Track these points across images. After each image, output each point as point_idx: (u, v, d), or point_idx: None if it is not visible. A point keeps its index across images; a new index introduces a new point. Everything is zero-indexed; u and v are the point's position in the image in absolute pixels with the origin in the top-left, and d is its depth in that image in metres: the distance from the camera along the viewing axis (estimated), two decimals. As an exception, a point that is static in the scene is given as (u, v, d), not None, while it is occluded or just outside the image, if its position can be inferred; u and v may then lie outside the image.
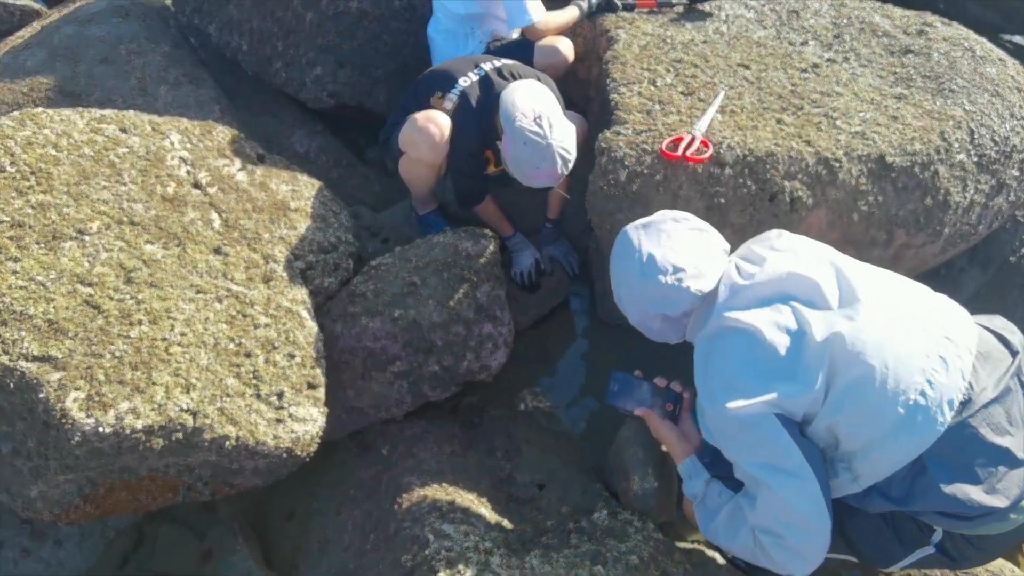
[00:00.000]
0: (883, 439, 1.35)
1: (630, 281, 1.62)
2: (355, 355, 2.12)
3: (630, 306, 1.66)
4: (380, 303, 2.10)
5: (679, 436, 1.65)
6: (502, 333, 2.13)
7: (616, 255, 1.68)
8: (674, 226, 1.63)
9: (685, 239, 1.61)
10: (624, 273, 1.63)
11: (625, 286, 1.64)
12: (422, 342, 2.09)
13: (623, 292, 1.66)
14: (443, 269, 2.13)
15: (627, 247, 1.64)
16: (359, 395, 2.18)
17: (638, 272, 1.58)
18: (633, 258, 1.61)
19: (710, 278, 1.56)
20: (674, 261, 1.56)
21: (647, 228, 1.65)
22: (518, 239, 2.58)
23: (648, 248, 1.60)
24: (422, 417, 2.27)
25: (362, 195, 3.07)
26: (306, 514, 2.19)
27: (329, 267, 2.22)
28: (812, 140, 2.03)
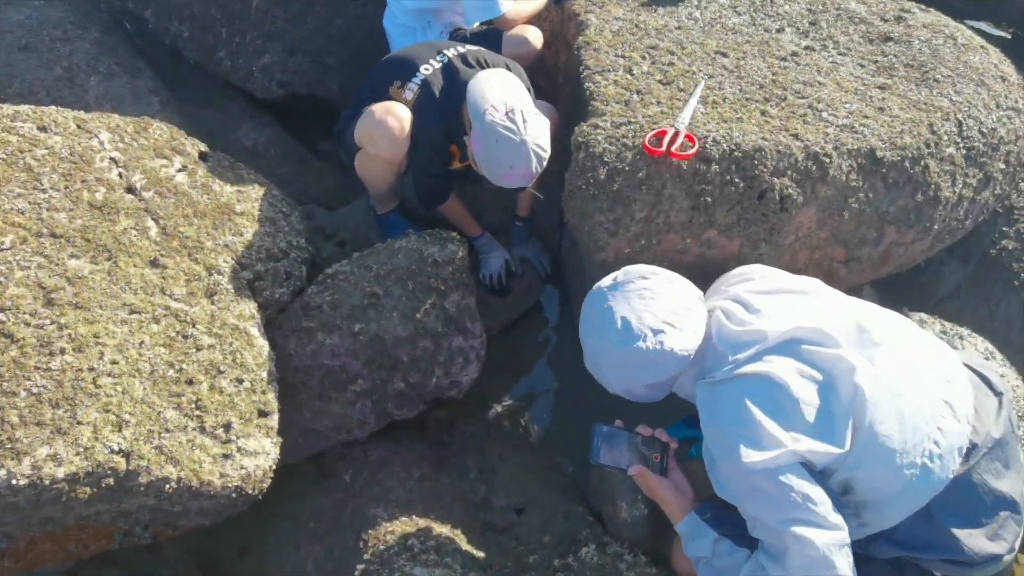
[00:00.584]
0: (899, 491, 1.29)
1: (607, 353, 1.48)
2: (311, 374, 1.93)
3: (612, 378, 1.52)
4: (338, 316, 1.91)
5: (674, 491, 1.51)
6: (473, 346, 1.97)
7: (587, 324, 1.54)
8: (643, 284, 1.51)
9: (658, 295, 1.48)
10: (599, 345, 1.50)
11: (603, 357, 1.50)
12: (386, 358, 1.91)
13: (602, 363, 1.52)
14: (407, 278, 1.95)
15: (598, 315, 1.51)
16: (317, 417, 1.99)
17: (615, 342, 1.45)
18: (607, 327, 1.47)
19: (693, 333, 1.45)
20: (651, 324, 1.44)
21: (615, 291, 1.52)
22: (486, 239, 2.42)
23: (621, 312, 1.46)
24: (387, 437, 2.09)
25: (315, 192, 2.86)
26: (261, 550, 2.01)
27: (280, 276, 2.03)
28: (800, 133, 1.90)
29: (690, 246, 1.90)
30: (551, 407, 2.39)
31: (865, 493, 1.32)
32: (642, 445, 1.54)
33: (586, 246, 1.94)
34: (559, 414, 2.38)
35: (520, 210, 2.43)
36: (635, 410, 1.66)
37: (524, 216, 2.44)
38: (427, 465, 2.01)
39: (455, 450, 2.10)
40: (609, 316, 1.46)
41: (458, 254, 1.99)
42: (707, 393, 1.40)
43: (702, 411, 1.40)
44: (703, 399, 1.41)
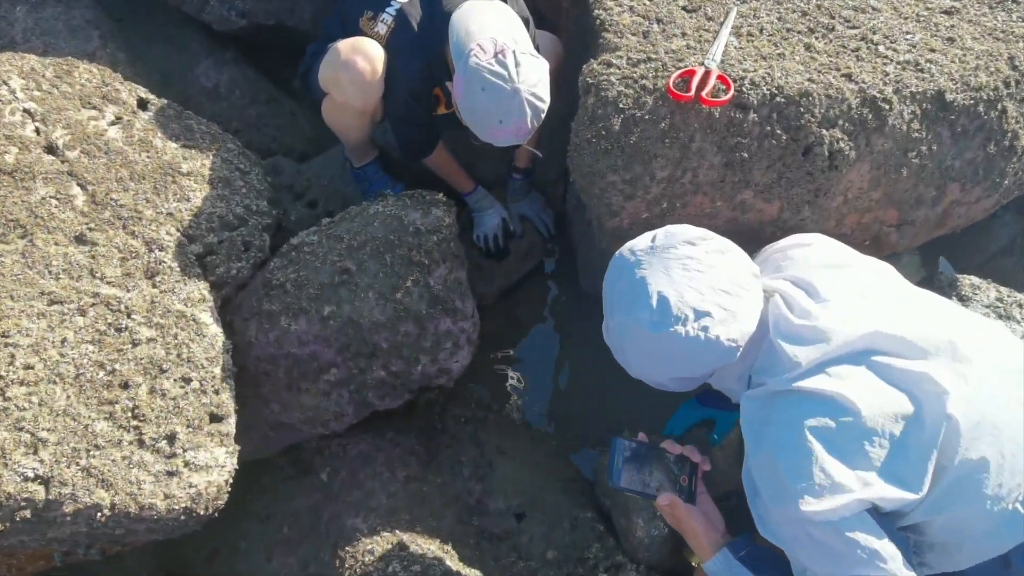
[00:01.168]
0: (979, 536, 1.05)
1: (635, 334, 1.19)
2: (276, 364, 1.67)
3: (637, 363, 1.25)
4: (304, 297, 1.63)
5: (704, 523, 1.26)
6: (464, 329, 1.69)
7: (613, 296, 1.24)
8: (689, 250, 1.20)
9: (707, 267, 1.18)
10: (626, 323, 1.20)
11: (629, 339, 1.21)
12: (362, 346, 1.64)
13: (628, 345, 1.23)
14: (385, 250, 1.65)
15: (628, 286, 1.20)
16: (286, 410, 1.74)
17: (647, 322, 1.16)
18: (639, 303, 1.17)
19: (746, 318, 1.17)
20: (694, 303, 1.14)
21: (652, 256, 1.21)
22: (480, 195, 2.11)
23: (657, 285, 1.16)
24: (370, 428, 1.84)
25: (288, 140, 2.53)
26: (231, 554, 1.79)
27: (237, 248, 1.73)
28: (853, 73, 1.57)
29: (721, 209, 1.60)
30: (555, 386, 2.14)
31: (936, 535, 1.08)
32: (672, 465, 1.28)
33: (596, 211, 1.63)
34: (565, 394, 2.12)
35: (519, 161, 2.11)
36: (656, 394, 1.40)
37: (523, 168, 2.12)
38: (415, 462, 1.76)
39: (447, 441, 1.86)
40: (642, 289, 1.17)
41: (445, 220, 1.69)
42: (756, 406, 1.14)
43: (747, 427, 1.14)
44: (750, 412, 1.14)
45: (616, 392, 2.05)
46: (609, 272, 1.28)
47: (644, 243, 1.25)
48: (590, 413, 2.07)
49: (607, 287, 1.26)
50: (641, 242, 1.26)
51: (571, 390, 2.12)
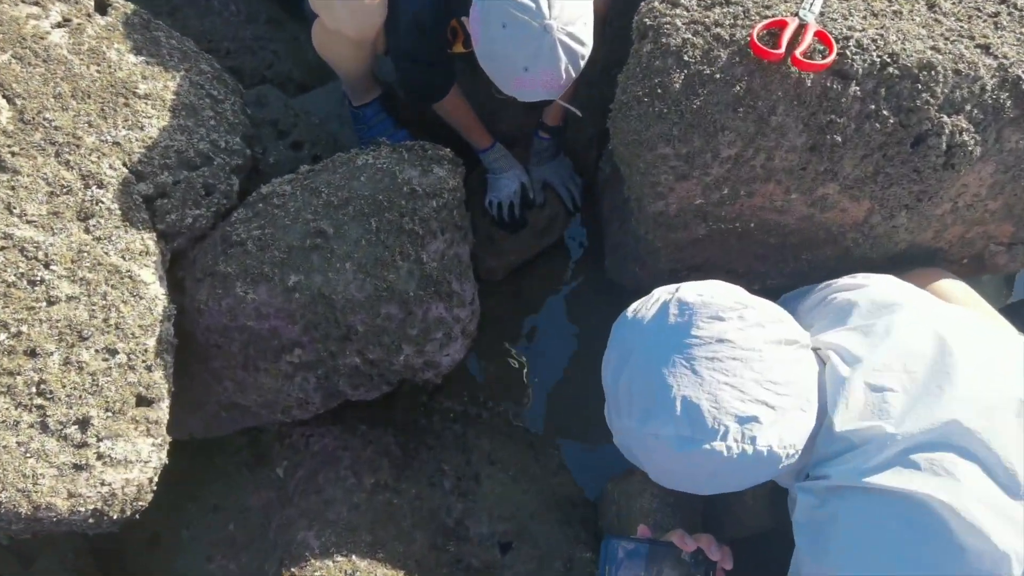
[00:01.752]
0: None
1: (656, 452, 0.90)
2: (229, 337, 1.38)
3: (662, 479, 0.96)
4: (267, 261, 1.33)
5: None
6: (460, 318, 1.39)
7: (617, 391, 0.94)
8: (718, 330, 0.89)
9: (743, 353, 0.88)
10: (640, 434, 0.90)
11: (647, 455, 0.93)
12: (333, 326, 1.35)
13: (644, 461, 0.95)
14: (371, 212, 1.34)
15: (640, 386, 0.90)
16: (241, 390, 1.46)
17: (673, 440, 0.86)
18: (657, 414, 0.87)
19: (805, 414, 0.89)
20: (734, 407, 0.85)
21: (670, 349, 0.90)
22: (498, 154, 1.78)
23: (681, 390, 0.86)
24: (340, 418, 1.57)
25: (286, 68, 2.20)
26: (173, 544, 1.55)
27: (196, 192, 1.43)
28: (992, 45, 1.21)
29: (794, 204, 1.27)
30: (563, 386, 1.84)
31: None
32: (678, 564, 0.98)
33: (637, 189, 1.31)
34: (574, 397, 1.83)
35: (549, 118, 1.77)
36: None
37: (553, 127, 1.78)
38: (387, 466, 1.49)
39: (429, 441, 1.58)
40: (661, 394, 0.87)
41: (448, 183, 1.37)
42: (814, 504, 0.86)
43: (803, 528, 0.87)
44: (807, 510, 0.86)
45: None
46: (610, 353, 0.98)
47: (652, 322, 0.93)
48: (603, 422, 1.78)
49: (609, 376, 0.97)
50: (648, 319, 0.94)
51: (581, 393, 1.82)
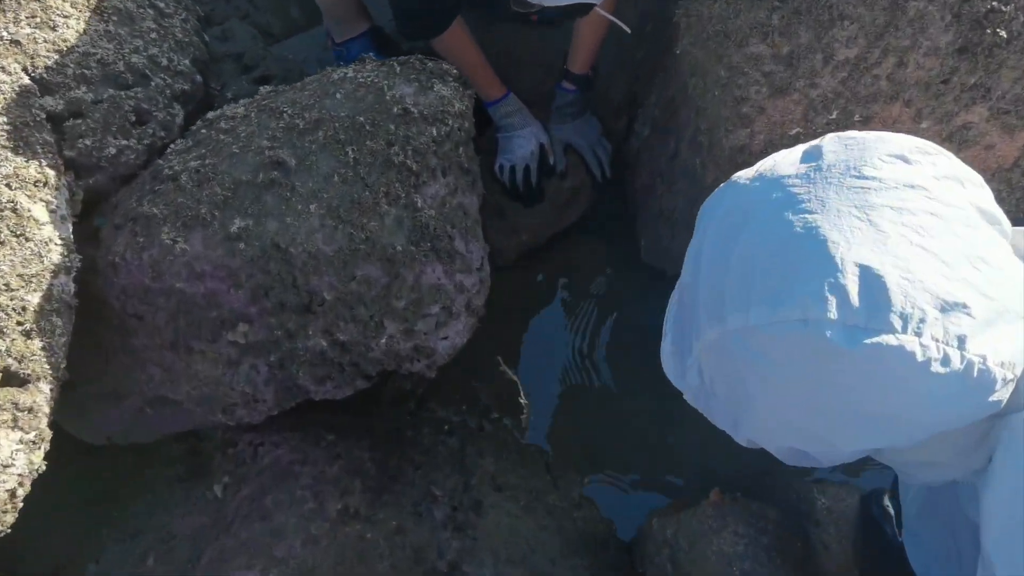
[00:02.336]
0: None
1: (789, 358, 0.53)
2: (153, 304, 1.03)
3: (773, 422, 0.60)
4: (205, 200, 0.98)
5: None
6: (464, 286, 1.04)
7: (725, 272, 0.57)
8: (904, 174, 0.55)
9: (943, 211, 0.53)
10: (767, 334, 0.53)
11: (767, 370, 0.55)
12: (291, 292, 0.99)
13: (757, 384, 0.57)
14: (348, 139, 1.00)
15: (772, 249, 0.54)
16: (171, 378, 1.10)
17: (832, 327, 0.50)
18: (804, 286, 0.51)
19: (1020, 328, 0.53)
20: (937, 287, 0.50)
21: (822, 186, 0.55)
22: (511, 106, 1.45)
23: (854, 251, 0.51)
24: (301, 422, 1.20)
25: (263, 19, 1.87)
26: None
27: (123, 116, 1.09)
28: None
29: (925, 134, 0.93)
30: (584, 393, 1.48)
31: None
32: None
33: (711, 111, 0.97)
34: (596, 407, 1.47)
35: (574, 63, 1.44)
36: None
37: (579, 75, 1.45)
38: (360, 488, 1.12)
39: (416, 458, 1.21)
40: (815, 258, 0.52)
41: (454, 105, 1.03)
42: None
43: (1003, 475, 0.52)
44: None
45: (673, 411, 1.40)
46: (705, 232, 0.61)
47: (796, 165, 0.59)
48: (634, 441, 1.42)
49: (704, 261, 0.60)
50: (788, 162, 0.59)
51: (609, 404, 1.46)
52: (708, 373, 0.61)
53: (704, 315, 0.58)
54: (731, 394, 0.60)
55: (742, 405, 0.60)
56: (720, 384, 0.61)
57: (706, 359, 0.60)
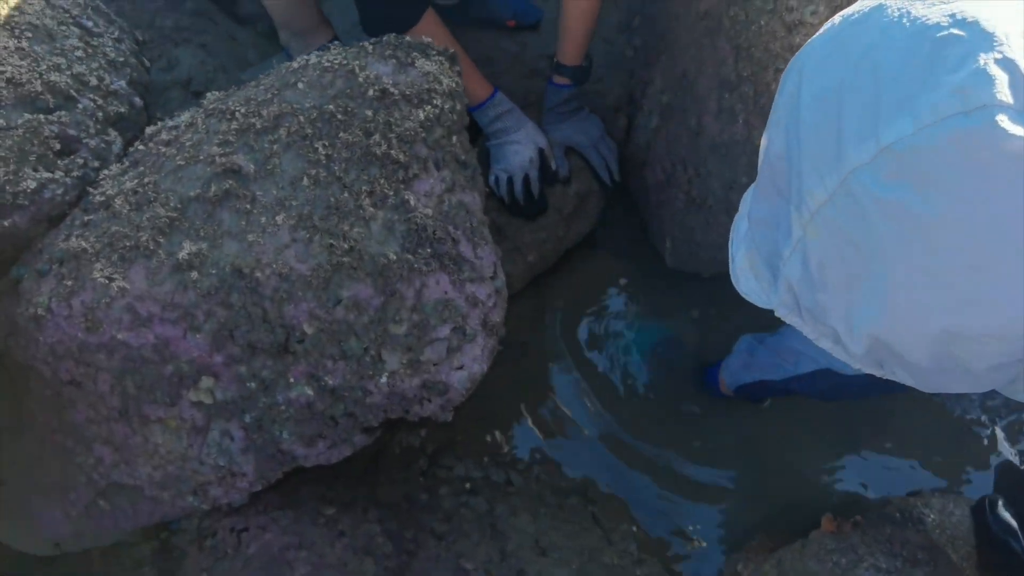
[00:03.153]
0: None
1: (976, 179, 0.35)
2: (91, 364, 0.82)
3: (984, 282, 0.39)
4: (147, 226, 0.79)
5: None
6: (478, 299, 0.84)
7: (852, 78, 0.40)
8: None
9: None
10: (928, 141, 0.35)
11: (956, 210, 0.36)
12: (262, 329, 0.79)
13: (937, 242, 0.38)
14: (317, 133, 0.82)
15: (912, 39, 0.38)
16: (125, 459, 0.88)
17: (1010, 112, 0.33)
18: (957, 67, 0.35)
19: None
20: None
21: None
22: (501, 107, 1.28)
23: (1020, 27, 0.35)
24: (293, 499, 0.98)
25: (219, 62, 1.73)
26: None
27: (42, 144, 0.90)
28: None
29: None
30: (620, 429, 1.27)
31: None
32: None
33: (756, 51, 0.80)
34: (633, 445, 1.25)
35: (565, 55, 1.28)
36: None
37: (572, 67, 1.29)
38: (374, 572, 0.89)
39: (437, 528, 0.99)
40: (959, 35, 0.36)
41: (441, 82, 0.86)
42: None
43: None
44: None
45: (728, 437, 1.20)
46: (809, 60, 0.46)
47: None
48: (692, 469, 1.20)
49: (809, 92, 0.44)
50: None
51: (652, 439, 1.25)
52: (816, 255, 0.45)
53: (811, 174, 0.42)
54: (853, 270, 0.43)
55: (871, 280, 0.42)
56: (835, 264, 0.44)
57: (814, 234, 0.44)
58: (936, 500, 1.07)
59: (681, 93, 1.15)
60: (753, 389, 1.08)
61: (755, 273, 0.53)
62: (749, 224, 0.54)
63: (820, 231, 0.43)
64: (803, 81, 0.44)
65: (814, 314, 0.48)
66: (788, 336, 0.97)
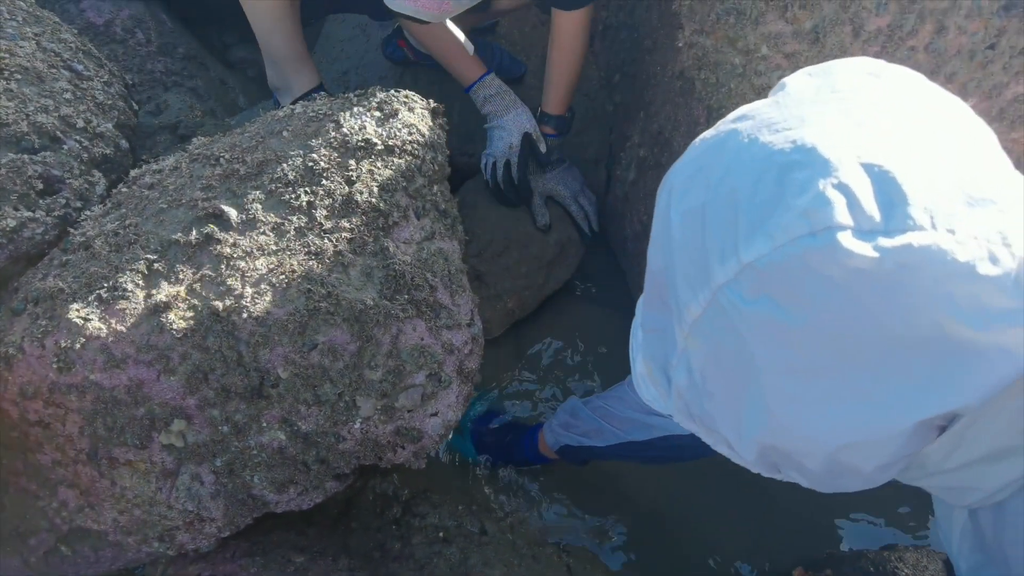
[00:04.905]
0: None
1: (826, 295, 0.40)
2: (61, 405, 0.81)
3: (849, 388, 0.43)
4: (125, 267, 0.79)
5: None
6: (454, 344, 0.85)
7: (711, 207, 0.45)
8: (890, 95, 0.46)
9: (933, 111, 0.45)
10: (747, 287, 0.42)
11: (812, 324, 0.41)
12: (236, 373, 0.79)
13: (798, 354, 0.42)
14: (299, 180, 0.83)
15: (757, 166, 0.43)
16: (92, 503, 0.87)
17: (859, 243, 0.38)
18: (800, 192, 0.40)
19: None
20: (966, 184, 0.40)
21: (809, 105, 0.46)
22: (492, 88, 1.29)
23: (853, 153, 0.40)
24: (262, 546, 0.96)
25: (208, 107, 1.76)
26: None
27: (25, 183, 0.91)
28: None
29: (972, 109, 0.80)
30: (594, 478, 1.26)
31: None
32: None
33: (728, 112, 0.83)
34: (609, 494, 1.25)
35: (548, 103, 1.32)
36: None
37: (556, 116, 1.33)
38: (339, 621, 0.87)
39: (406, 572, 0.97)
40: (805, 161, 0.41)
41: (422, 134, 0.88)
42: None
43: None
44: None
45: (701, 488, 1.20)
46: (677, 181, 0.49)
47: (759, 103, 0.51)
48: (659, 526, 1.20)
49: (678, 213, 0.47)
50: (749, 106, 0.51)
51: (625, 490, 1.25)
52: (698, 364, 0.48)
53: (685, 289, 0.46)
54: (732, 380, 0.46)
55: (749, 388, 0.45)
56: (715, 374, 0.47)
57: (694, 346, 0.47)
58: (910, 555, 1.07)
59: (657, 149, 1.18)
60: (577, 452, 1.06)
61: (652, 380, 0.55)
62: (643, 333, 0.57)
63: (698, 342, 0.46)
64: (672, 202, 0.48)
65: (704, 422, 0.51)
66: (619, 404, 0.96)
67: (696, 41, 0.80)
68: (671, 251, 0.48)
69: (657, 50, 1.12)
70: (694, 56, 0.83)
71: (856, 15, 0.73)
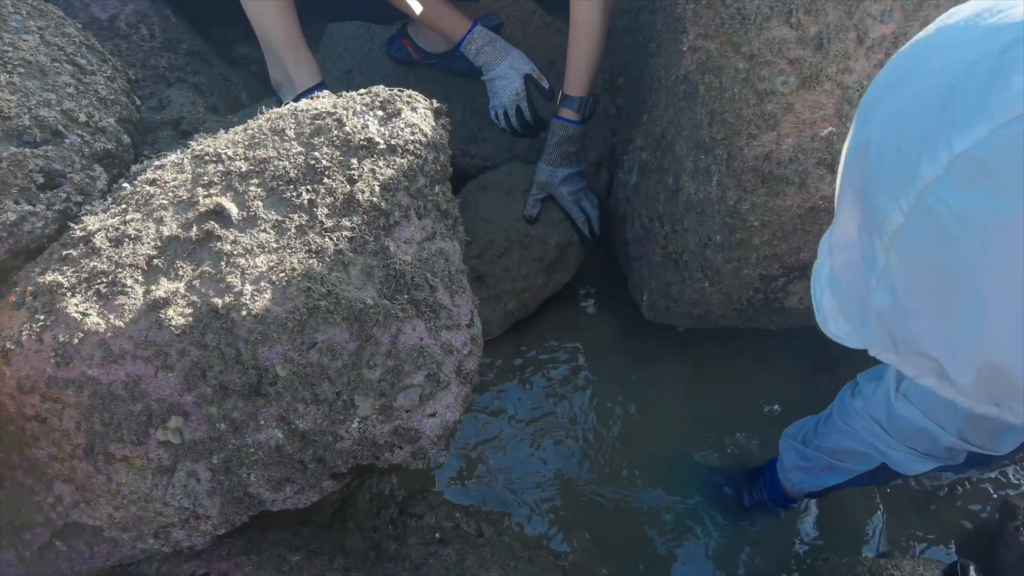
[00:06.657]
0: None
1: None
2: (58, 400, 0.81)
3: None
4: (126, 263, 0.79)
5: None
6: (453, 347, 0.85)
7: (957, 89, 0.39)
8: None
9: None
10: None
11: None
12: (234, 371, 0.79)
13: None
14: (300, 177, 0.83)
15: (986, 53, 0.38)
16: (88, 499, 0.87)
17: None
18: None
19: None
20: None
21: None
22: (480, 39, 1.29)
23: None
24: (257, 544, 0.96)
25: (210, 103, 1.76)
26: None
27: (26, 176, 0.91)
28: None
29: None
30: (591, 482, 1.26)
31: None
32: None
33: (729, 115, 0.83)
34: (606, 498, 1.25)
35: (569, 84, 1.28)
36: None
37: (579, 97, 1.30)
38: (333, 621, 0.87)
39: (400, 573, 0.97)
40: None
41: (425, 134, 0.88)
42: None
43: None
44: None
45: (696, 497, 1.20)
46: (880, 82, 0.47)
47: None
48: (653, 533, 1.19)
49: (883, 112, 0.44)
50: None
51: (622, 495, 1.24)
52: (902, 280, 0.43)
53: (885, 198, 0.41)
54: (942, 291, 0.41)
55: (963, 298, 0.40)
56: (922, 287, 0.42)
57: (896, 259, 0.42)
58: (907, 563, 1.07)
59: (660, 153, 1.18)
60: (819, 493, 1.07)
61: (844, 314, 0.51)
62: (832, 264, 0.53)
63: (902, 254, 0.42)
64: (878, 103, 0.45)
65: (910, 345, 0.46)
66: (839, 437, 0.94)
67: (700, 45, 0.80)
68: (866, 163, 0.44)
69: (661, 54, 1.12)
70: (698, 60, 0.83)
71: (861, 22, 0.73)
